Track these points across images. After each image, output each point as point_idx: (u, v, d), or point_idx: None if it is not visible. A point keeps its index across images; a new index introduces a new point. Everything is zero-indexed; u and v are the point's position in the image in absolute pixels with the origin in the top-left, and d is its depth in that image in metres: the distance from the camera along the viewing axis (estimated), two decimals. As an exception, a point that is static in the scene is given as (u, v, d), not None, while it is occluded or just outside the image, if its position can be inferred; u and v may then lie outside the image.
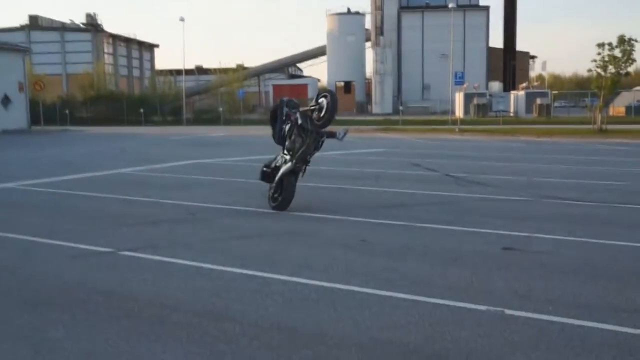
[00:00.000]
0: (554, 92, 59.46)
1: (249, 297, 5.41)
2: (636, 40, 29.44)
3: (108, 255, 6.92)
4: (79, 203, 10.77)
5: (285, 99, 10.50)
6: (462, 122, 39.86)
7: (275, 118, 10.12)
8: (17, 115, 39.88)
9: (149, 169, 15.85)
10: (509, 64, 72.58)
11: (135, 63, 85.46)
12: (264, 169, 10.07)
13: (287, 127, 9.67)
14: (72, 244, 7.40)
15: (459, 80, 37.66)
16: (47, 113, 44.40)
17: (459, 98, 53.20)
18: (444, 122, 40.60)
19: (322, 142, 9.66)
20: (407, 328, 4.65)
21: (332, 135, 9.66)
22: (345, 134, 9.80)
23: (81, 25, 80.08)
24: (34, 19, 77.05)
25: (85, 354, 4.22)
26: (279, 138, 9.93)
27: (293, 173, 9.45)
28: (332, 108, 9.23)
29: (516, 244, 7.28)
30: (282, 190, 9.46)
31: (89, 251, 7.09)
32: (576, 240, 7.52)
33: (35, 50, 69.51)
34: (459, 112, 49.91)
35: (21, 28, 75.26)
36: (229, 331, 4.60)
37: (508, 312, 4.95)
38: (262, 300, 5.32)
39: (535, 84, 62.72)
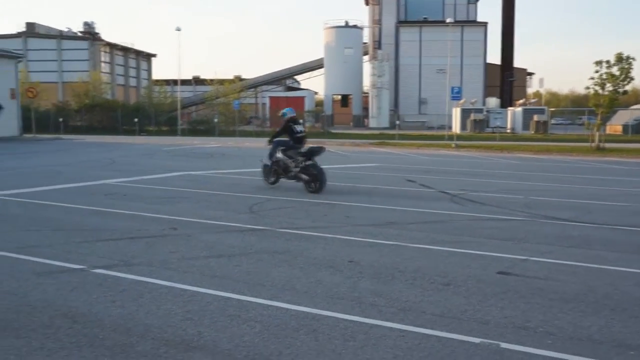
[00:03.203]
0: (551, 109, 59.32)
1: (224, 323, 5.00)
2: (634, 59, 29.21)
3: (79, 272, 6.50)
4: (58, 215, 10.33)
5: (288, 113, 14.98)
6: (459, 137, 39.58)
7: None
8: (8, 122, 39.39)
9: (136, 180, 15.43)
10: (506, 80, 72.53)
11: (132, 72, 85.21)
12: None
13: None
14: (43, 260, 6.98)
15: (456, 95, 37.36)
16: (40, 121, 43.94)
17: (456, 113, 52.98)
18: (441, 138, 40.31)
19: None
20: (393, 363, 4.24)
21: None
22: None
23: (78, 33, 79.86)
24: (31, 26, 76.81)
25: (34, 388, 3.80)
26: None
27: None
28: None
29: (512, 268, 6.88)
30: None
31: (59, 268, 6.66)
32: (575, 265, 7.12)
33: (31, 58, 69.29)
34: (456, 128, 49.66)
35: (18, 35, 75.00)
36: (197, 363, 4.19)
37: (504, 345, 4.55)
38: (238, 327, 4.91)
39: (533, 100, 62.59)
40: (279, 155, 14.30)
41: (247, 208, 11.12)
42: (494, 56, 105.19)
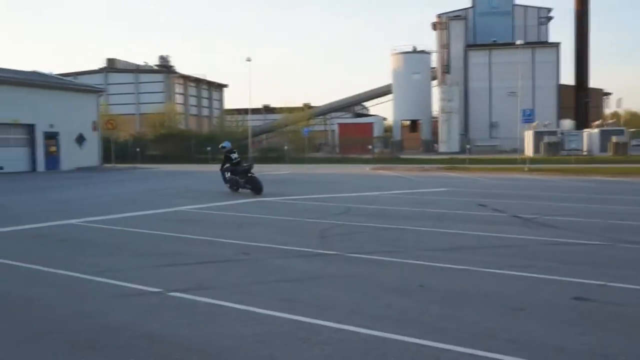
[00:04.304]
0: (631, 129, 57.03)
1: (295, 345, 5.07)
2: None
3: (156, 295, 6.74)
4: (135, 240, 10.76)
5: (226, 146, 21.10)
6: (532, 160, 38.60)
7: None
8: (90, 153, 41.42)
9: (209, 207, 15.86)
10: (581, 101, 70.39)
11: (205, 102, 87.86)
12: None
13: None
14: (122, 283, 7.28)
15: (528, 118, 36.56)
16: (119, 151, 45.90)
17: (529, 136, 51.79)
18: (513, 161, 39.44)
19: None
20: (465, 388, 4.18)
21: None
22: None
23: (154, 67, 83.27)
24: (111, 61, 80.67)
25: (115, 405, 3.97)
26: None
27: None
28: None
29: (589, 294, 6.65)
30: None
31: (137, 291, 6.93)
32: (658, 291, 6.81)
33: (111, 91, 72.66)
34: (529, 151, 48.52)
35: (99, 70, 78.92)
36: (269, 384, 4.26)
37: (580, 373, 4.41)
38: (308, 349, 4.97)
39: (610, 121, 60.34)
40: (229, 176, 20.21)
41: (317, 233, 11.23)
42: (568, 77, 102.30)
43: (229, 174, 20.20)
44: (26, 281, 7.54)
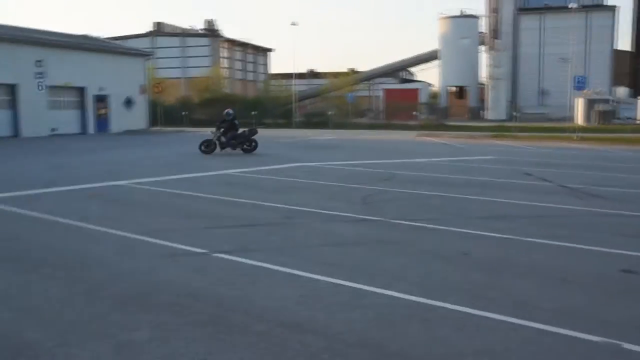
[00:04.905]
0: (691, 97, 54.74)
1: (337, 308, 5.15)
2: None
3: (201, 256, 6.91)
4: (182, 202, 11.00)
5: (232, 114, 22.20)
6: (583, 129, 37.55)
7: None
8: (138, 117, 42.15)
9: (254, 171, 16.03)
10: (638, 67, 67.78)
11: (250, 67, 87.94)
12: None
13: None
14: (170, 243, 7.48)
15: (580, 85, 35.40)
16: (166, 114, 46.51)
17: (580, 104, 50.28)
18: (562, 130, 38.46)
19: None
20: (505, 356, 4.19)
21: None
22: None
23: (201, 31, 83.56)
24: (158, 25, 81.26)
25: (164, 358, 4.13)
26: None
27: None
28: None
29: (638, 267, 6.52)
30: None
31: (183, 251, 7.12)
32: None
33: (159, 55, 73.36)
34: (579, 119, 47.16)
35: (147, 34, 79.58)
36: (312, 345, 4.36)
37: (626, 345, 4.35)
38: (350, 313, 5.04)
39: (668, 89, 57.99)
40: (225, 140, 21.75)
41: (360, 199, 11.26)
42: (624, 42, 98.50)
43: (226, 139, 21.69)
44: (80, 239, 7.82)
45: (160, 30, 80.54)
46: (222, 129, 21.85)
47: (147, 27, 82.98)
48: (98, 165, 17.89)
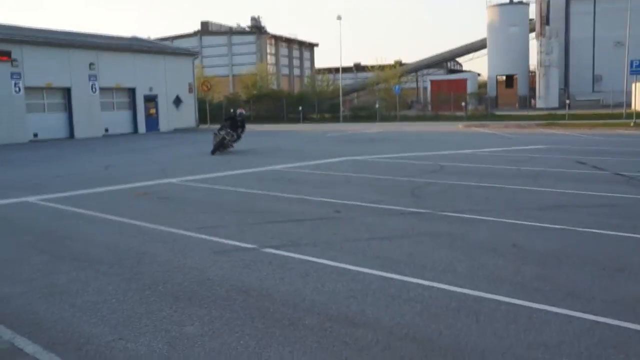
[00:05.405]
0: None
1: (386, 302, 5.15)
2: None
3: (251, 251, 7.01)
4: (231, 198, 11.16)
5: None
6: None
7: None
8: (186, 115, 42.88)
9: (301, 166, 16.12)
10: (696, 49, 64.99)
11: (296, 62, 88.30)
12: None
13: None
14: (219, 239, 7.61)
15: (637, 69, 34.20)
16: (213, 112, 47.13)
17: (636, 89, 48.58)
18: (618, 116, 37.29)
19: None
20: (559, 348, 4.12)
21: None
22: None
23: (246, 28, 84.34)
24: (205, 25, 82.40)
25: (216, 352, 4.22)
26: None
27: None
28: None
29: (698, 256, 6.30)
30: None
31: (233, 247, 7.23)
32: None
33: (205, 54, 74.39)
34: (636, 105, 45.59)
35: (194, 34, 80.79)
36: (360, 339, 4.38)
37: (685, 337, 4.22)
38: (399, 306, 5.04)
39: None
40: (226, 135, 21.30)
41: (408, 192, 11.20)
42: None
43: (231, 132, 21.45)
44: (134, 237, 8.03)
45: (206, 29, 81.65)
46: (237, 130, 21.84)
47: (194, 27, 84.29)
48: (148, 164, 18.29)
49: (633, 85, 47.17)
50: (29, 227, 8.85)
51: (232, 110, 22.77)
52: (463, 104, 49.46)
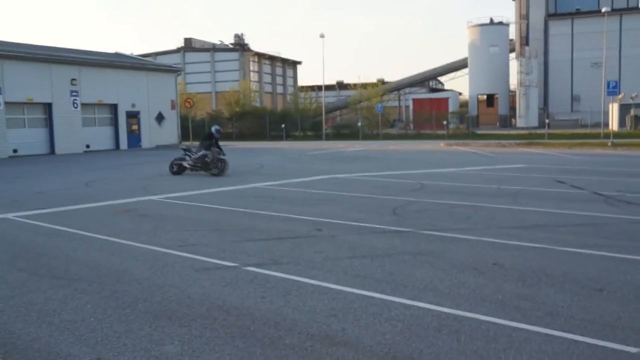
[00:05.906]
0: None
1: (367, 320, 5.15)
2: None
3: (232, 269, 6.97)
4: (213, 216, 11.11)
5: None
6: (617, 135, 36.90)
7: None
8: (169, 131, 42.77)
9: (283, 184, 16.12)
10: (673, 71, 66.27)
11: (279, 80, 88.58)
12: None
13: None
14: (200, 257, 7.57)
15: (613, 90, 34.82)
16: (196, 129, 46.97)
17: (613, 109, 49.40)
18: (596, 136, 37.88)
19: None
20: (538, 368, 4.14)
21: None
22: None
23: (230, 45, 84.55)
24: (188, 41, 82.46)
25: (195, 373, 4.18)
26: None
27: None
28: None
29: (675, 275, 6.38)
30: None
31: (214, 265, 7.19)
32: None
33: (188, 70, 74.37)
34: (613, 125, 46.34)
35: (177, 50, 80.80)
36: (341, 358, 4.37)
37: (662, 356, 4.27)
38: (380, 325, 5.04)
39: None
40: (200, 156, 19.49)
41: (390, 210, 11.24)
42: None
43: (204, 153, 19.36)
44: (114, 254, 7.95)
45: (189, 45, 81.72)
46: (210, 148, 19.36)
47: (177, 43, 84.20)
48: (129, 181, 18.16)
49: (610, 105, 47.95)
50: (7, 244, 8.73)
51: (208, 129, 21.06)
52: (445, 122, 49.89)
